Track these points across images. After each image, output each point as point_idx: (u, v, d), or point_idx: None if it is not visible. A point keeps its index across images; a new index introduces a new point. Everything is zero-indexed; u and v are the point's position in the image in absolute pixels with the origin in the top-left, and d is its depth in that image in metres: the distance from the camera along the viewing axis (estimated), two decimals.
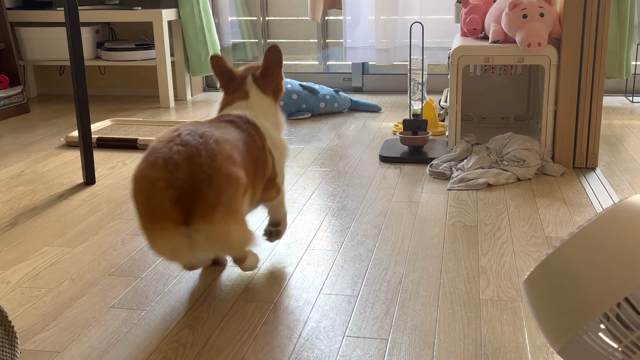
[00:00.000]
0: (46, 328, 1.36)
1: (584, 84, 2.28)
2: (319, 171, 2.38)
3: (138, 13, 3.53)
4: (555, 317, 1.01)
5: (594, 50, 2.25)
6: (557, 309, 1.01)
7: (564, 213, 1.93)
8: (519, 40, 2.27)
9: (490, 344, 1.27)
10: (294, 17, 4.01)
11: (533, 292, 1.05)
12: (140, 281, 1.56)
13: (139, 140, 2.76)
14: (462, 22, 2.66)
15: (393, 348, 1.26)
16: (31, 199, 2.16)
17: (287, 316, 1.39)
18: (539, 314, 1.05)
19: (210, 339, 1.31)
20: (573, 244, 1.00)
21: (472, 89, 2.83)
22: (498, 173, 2.21)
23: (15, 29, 3.71)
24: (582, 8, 2.23)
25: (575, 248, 0.99)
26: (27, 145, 2.86)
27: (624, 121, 3.05)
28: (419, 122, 2.51)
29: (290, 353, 1.25)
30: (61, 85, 4.10)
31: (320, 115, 3.33)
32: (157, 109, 3.59)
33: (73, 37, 2.16)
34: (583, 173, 2.30)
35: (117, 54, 3.69)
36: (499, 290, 1.48)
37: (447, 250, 1.69)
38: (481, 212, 1.95)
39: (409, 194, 2.12)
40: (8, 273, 1.62)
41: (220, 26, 4.02)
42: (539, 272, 1.03)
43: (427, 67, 2.62)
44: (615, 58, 3.33)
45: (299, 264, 1.64)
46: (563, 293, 0.99)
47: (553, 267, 1.01)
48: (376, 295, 1.47)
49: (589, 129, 2.32)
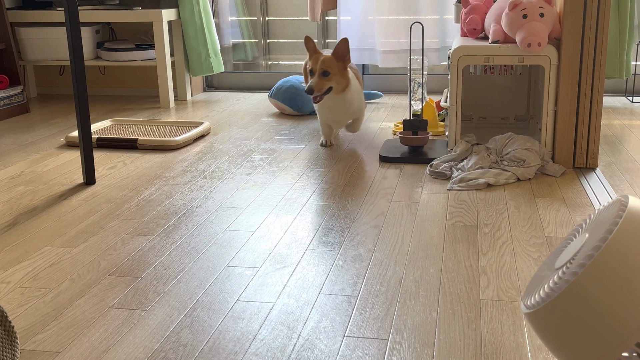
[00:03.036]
0: (46, 328, 1.36)
1: (584, 84, 2.28)
2: (319, 171, 2.38)
3: (138, 13, 3.53)
4: (583, 348, 0.95)
5: (594, 50, 2.25)
6: (584, 340, 0.94)
7: (564, 213, 1.93)
8: (519, 40, 2.27)
9: (490, 344, 1.27)
10: (294, 17, 4.01)
11: (551, 322, 0.99)
12: (140, 281, 1.56)
13: (139, 140, 2.76)
14: (462, 22, 2.66)
15: (393, 348, 1.26)
16: (31, 199, 2.16)
17: (287, 316, 1.39)
18: (560, 344, 0.99)
19: (210, 339, 1.31)
20: (593, 270, 0.93)
21: (472, 89, 2.83)
22: (498, 173, 2.21)
23: (15, 29, 3.71)
24: (582, 8, 2.23)
25: (595, 275, 0.93)
26: (27, 145, 2.86)
27: (624, 121, 3.05)
28: (419, 122, 2.51)
29: (290, 353, 1.25)
30: (61, 85, 4.10)
31: None
32: (157, 109, 3.59)
33: (73, 37, 2.16)
34: (583, 173, 2.30)
35: (117, 54, 3.69)
36: (499, 291, 1.48)
37: (447, 250, 1.69)
38: (481, 212, 1.95)
39: (409, 194, 2.12)
40: (8, 273, 1.62)
41: (220, 26, 4.02)
42: (558, 302, 0.96)
43: (427, 67, 2.62)
44: (616, 58, 3.33)
45: (299, 264, 1.64)
46: (589, 322, 0.93)
47: (575, 296, 0.95)
48: (376, 296, 1.47)
49: (589, 129, 2.32)
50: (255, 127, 3.12)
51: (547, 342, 1.02)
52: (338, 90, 2.56)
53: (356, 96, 2.68)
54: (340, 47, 2.52)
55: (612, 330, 0.92)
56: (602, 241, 0.95)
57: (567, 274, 0.98)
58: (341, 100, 2.60)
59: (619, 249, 0.93)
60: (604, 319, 0.93)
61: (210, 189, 2.22)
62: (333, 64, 2.52)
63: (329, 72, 2.50)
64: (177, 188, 2.23)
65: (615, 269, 0.92)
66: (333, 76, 2.52)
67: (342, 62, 2.54)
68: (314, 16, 3.70)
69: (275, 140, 2.85)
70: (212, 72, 3.78)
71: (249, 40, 4.11)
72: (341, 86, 2.56)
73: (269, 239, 1.79)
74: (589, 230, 1.06)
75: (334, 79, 2.53)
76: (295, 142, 2.80)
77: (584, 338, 0.95)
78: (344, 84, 2.56)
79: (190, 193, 2.18)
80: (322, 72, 2.50)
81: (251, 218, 1.94)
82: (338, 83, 2.54)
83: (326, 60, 2.51)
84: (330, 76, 2.51)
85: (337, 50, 2.53)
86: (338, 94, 2.57)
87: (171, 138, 2.78)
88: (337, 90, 2.56)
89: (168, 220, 1.95)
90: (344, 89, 2.57)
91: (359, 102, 2.72)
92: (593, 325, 0.94)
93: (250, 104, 3.65)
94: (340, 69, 2.53)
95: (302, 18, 3.99)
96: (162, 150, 2.73)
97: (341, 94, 2.58)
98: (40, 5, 3.79)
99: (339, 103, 2.60)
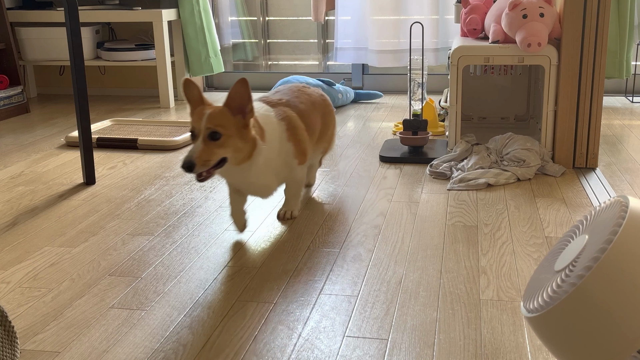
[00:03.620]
0: (46, 328, 1.36)
1: (584, 84, 2.28)
2: (319, 171, 2.38)
3: (138, 13, 3.53)
4: (588, 353, 0.94)
5: (594, 50, 2.25)
6: (589, 345, 0.94)
7: (564, 213, 1.93)
8: (519, 40, 2.27)
9: (490, 344, 1.27)
10: (294, 17, 4.01)
11: (556, 327, 0.97)
12: (140, 281, 1.56)
13: (139, 140, 2.76)
14: (462, 22, 2.66)
15: (393, 348, 1.26)
16: (31, 199, 2.16)
17: (287, 316, 1.39)
18: (564, 349, 0.98)
19: (210, 339, 1.31)
20: (599, 273, 0.92)
21: (472, 89, 2.83)
22: (498, 173, 2.21)
23: (15, 29, 3.71)
24: (582, 8, 2.23)
25: (602, 277, 0.92)
26: (27, 145, 2.86)
27: (624, 121, 3.05)
28: (419, 122, 2.51)
29: (290, 353, 1.25)
30: (61, 85, 4.10)
31: None
32: (157, 109, 3.59)
33: (73, 37, 2.16)
34: (583, 173, 2.30)
35: (117, 54, 3.69)
36: (499, 291, 1.48)
37: (447, 250, 1.69)
38: (481, 212, 1.95)
39: (409, 194, 2.12)
40: (8, 273, 1.62)
41: (220, 26, 4.02)
42: (562, 307, 0.95)
43: (427, 67, 2.62)
44: (616, 58, 3.33)
45: (299, 264, 1.64)
46: (595, 327, 0.93)
47: (581, 300, 0.93)
48: (376, 296, 1.47)
49: (589, 129, 2.32)
50: None
51: (551, 346, 1.01)
52: (237, 159, 1.65)
53: (274, 165, 1.79)
54: (237, 93, 1.61)
55: (618, 335, 0.91)
56: (607, 243, 0.94)
57: (572, 277, 0.97)
58: (246, 172, 1.71)
59: (624, 252, 0.92)
60: (610, 322, 0.92)
61: (210, 189, 2.22)
62: (226, 121, 1.61)
63: (219, 133, 1.59)
64: (177, 188, 2.23)
65: (622, 271, 0.91)
66: (228, 139, 1.60)
67: (240, 115, 1.63)
68: (318, 16, 3.70)
69: None
70: (212, 72, 3.79)
71: (249, 40, 4.11)
72: (242, 153, 1.64)
73: (269, 239, 1.79)
74: (588, 232, 1.05)
75: (230, 143, 1.61)
76: None
77: (590, 342, 0.94)
78: (245, 149, 1.65)
79: (190, 193, 2.18)
80: (209, 134, 1.58)
81: (251, 218, 1.94)
82: (237, 150, 1.63)
83: (215, 115, 1.60)
84: (222, 140, 1.59)
85: (233, 98, 1.62)
86: (239, 164, 1.67)
87: (171, 138, 2.78)
88: (235, 160, 1.65)
89: (168, 220, 1.95)
90: (248, 156, 1.67)
91: (284, 172, 1.85)
92: (599, 330, 0.93)
93: None
94: (239, 128, 1.63)
95: (302, 18, 3.99)
96: (162, 150, 2.73)
97: (245, 163, 1.68)
98: (40, 5, 3.79)
99: (244, 174, 1.73)
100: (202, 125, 1.58)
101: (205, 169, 1.58)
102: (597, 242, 0.98)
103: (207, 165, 1.58)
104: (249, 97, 1.62)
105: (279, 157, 1.80)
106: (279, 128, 1.80)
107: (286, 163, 1.84)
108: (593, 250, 0.96)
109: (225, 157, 1.61)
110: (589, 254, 0.96)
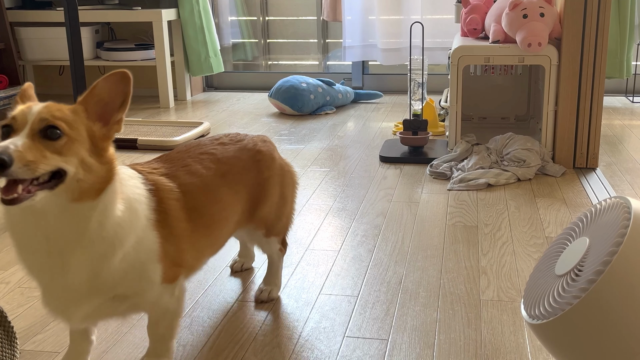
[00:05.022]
0: (46, 328, 1.36)
1: (584, 84, 2.28)
2: (319, 171, 2.38)
3: (138, 13, 3.53)
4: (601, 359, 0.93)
5: (595, 50, 2.25)
6: (602, 350, 0.92)
7: (565, 213, 1.93)
8: (519, 40, 2.27)
9: (490, 344, 1.27)
10: (294, 17, 4.01)
11: (564, 333, 0.96)
12: None
13: (138, 140, 2.76)
14: (462, 22, 2.66)
15: (393, 348, 1.26)
16: None
17: (287, 316, 1.39)
18: (572, 357, 0.97)
19: (210, 339, 1.31)
20: (609, 279, 0.90)
21: (472, 89, 2.83)
22: (498, 173, 2.21)
23: (15, 29, 3.70)
24: (583, 8, 2.23)
25: (613, 283, 0.90)
26: None
27: (624, 121, 3.04)
28: (419, 122, 2.51)
29: (290, 353, 1.25)
30: (61, 85, 4.10)
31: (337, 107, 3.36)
32: (157, 109, 3.59)
33: (73, 37, 2.16)
34: (583, 173, 2.30)
35: (117, 54, 3.69)
36: (499, 291, 1.47)
37: (447, 250, 1.69)
38: (481, 213, 1.95)
39: (409, 194, 2.12)
40: (8, 273, 1.62)
41: (220, 26, 4.02)
42: (574, 313, 0.93)
43: (427, 67, 2.62)
44: (616, 58, 3.33)
45: (299, 264, 1.63)
46: (608, 332, 0.91)
47: (592, 305, 0.92)
48: (376, 296, 1.46)
49: (590, 129, 2.32)
50: (255, 127, 3.11)
51: (559, 353, 0.99)
52: (80, 186, 0.98)
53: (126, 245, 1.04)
54: (105, 90, 1.04)
55: (633, 338, 0.90)
56: (616, 245, 0.93)
57: (581, 282, 0.94)
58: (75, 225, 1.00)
59: (634, 254, 0.90)
60: (624, 326, 0.90)
61: None
62: (75, 119, 1.00)
63: (59, 130, 0.96)
64: None
65: (635, 274, 0.90)
66: (72, 144, 0.98)
67: (101, 123, 1.06)
68: (335, 16, 3.69)
69: (275, 140, 2.85)
70: (212, 72, 3.78)
71: (248, 40, 4.11)
72: (89, 176, 0.99)
73: None
74: (588, 235, 1.03)
75: (74, 150, 0.98)
76: (295, 142, 2.80)
77: (603, 348, 0.92)
78: (96, 173, 1.01)
79: None
80: (43, 128, 0.95)
81: None
82: (83, 166, 0.99)
83: (57, 108, 0.99)
84: (63, 142, 0.96)
85: (96, 95, 1.03)
86: (79, 197, 0.99)
87: (171, 138, 2.78)
88: (77, 185, 0.98)
89: None
90: (96, 190, 1.01)
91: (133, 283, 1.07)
92: (613, 334, 0.91)
93: (250, 104, 3.65)
94: (94, 138, 1.04)
95: (302, 18, 3.99)
96: (162, 150, 2.73)
97: (85, 203, 0.99)
98: (40, 5, 3.79)
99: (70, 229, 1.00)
100: (32, 116, 0.96)
101: (28, 175, 0.92)
102: (603, 245, 0.96)
103: (30, 171, 0.92)
104: (123, 102, 1.05)
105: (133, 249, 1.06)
106: (145, 201, 1.11)
107: (141, 271, 1.07)
108: (601, 254, 0.94)
109: (63, 169, 0.96)
110: (597, 258, 0.94)
